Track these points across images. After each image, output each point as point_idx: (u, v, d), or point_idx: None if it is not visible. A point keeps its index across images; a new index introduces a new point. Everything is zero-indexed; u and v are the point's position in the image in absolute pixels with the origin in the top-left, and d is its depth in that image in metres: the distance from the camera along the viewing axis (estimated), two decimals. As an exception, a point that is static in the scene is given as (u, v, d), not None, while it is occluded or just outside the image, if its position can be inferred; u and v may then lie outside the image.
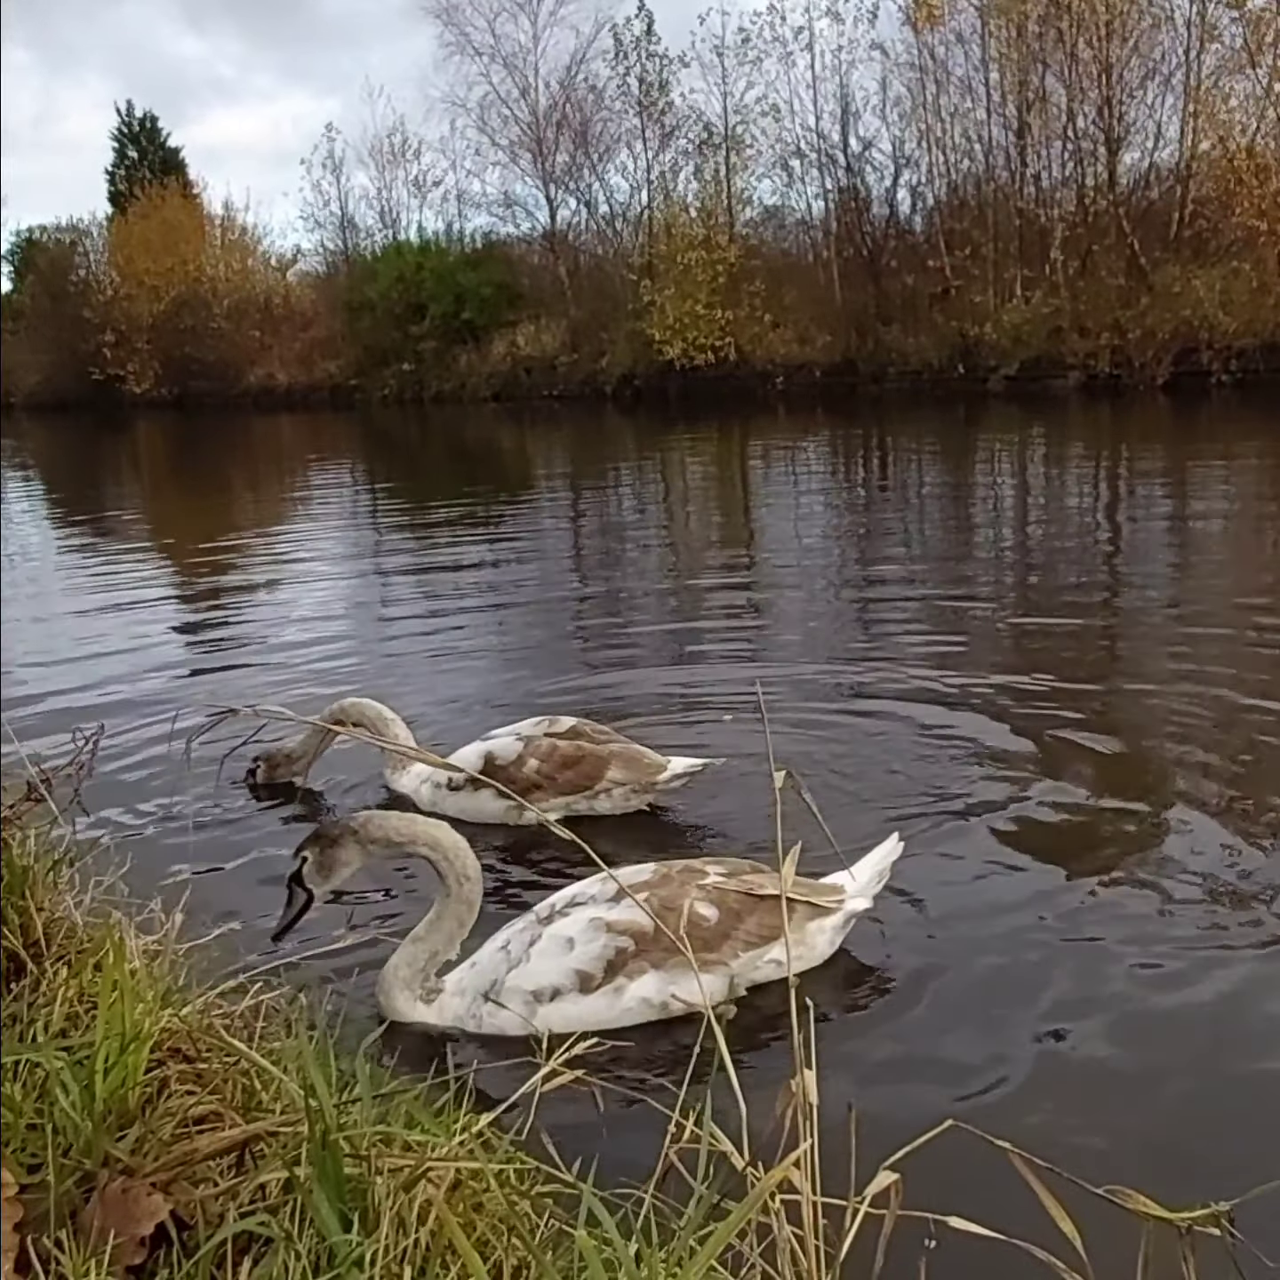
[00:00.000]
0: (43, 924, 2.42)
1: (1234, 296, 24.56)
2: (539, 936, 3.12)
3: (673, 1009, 3.07)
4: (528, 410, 32.08)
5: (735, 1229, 1.44)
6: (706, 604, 8.37)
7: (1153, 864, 3.80)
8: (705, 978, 2.98)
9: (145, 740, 5.45)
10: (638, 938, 3.07)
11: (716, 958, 3.11)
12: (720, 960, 3.11)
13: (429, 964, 3.11)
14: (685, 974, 3.01)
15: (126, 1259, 1.53)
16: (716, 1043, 1.75)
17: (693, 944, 2.84)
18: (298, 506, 16.55)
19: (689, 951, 2.46)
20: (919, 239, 31.79)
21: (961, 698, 5.60)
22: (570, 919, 3.14)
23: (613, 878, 2.66)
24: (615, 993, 3.06)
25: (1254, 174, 25.42)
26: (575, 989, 3.06)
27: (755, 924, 3.18)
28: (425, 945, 3.10)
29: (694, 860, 3.34)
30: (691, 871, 3.25)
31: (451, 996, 3.11)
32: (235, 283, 42.27)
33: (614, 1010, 3.06)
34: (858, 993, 3.17)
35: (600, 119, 36.06)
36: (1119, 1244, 1.53)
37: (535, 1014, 3.03)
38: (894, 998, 3.10)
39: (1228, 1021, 2.95)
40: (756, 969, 3.17)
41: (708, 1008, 2.67)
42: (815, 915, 3.25)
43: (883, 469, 17.32)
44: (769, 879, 3.23)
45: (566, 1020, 2.95)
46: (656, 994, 3.07)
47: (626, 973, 3.07)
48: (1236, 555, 9.35)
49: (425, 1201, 1.58)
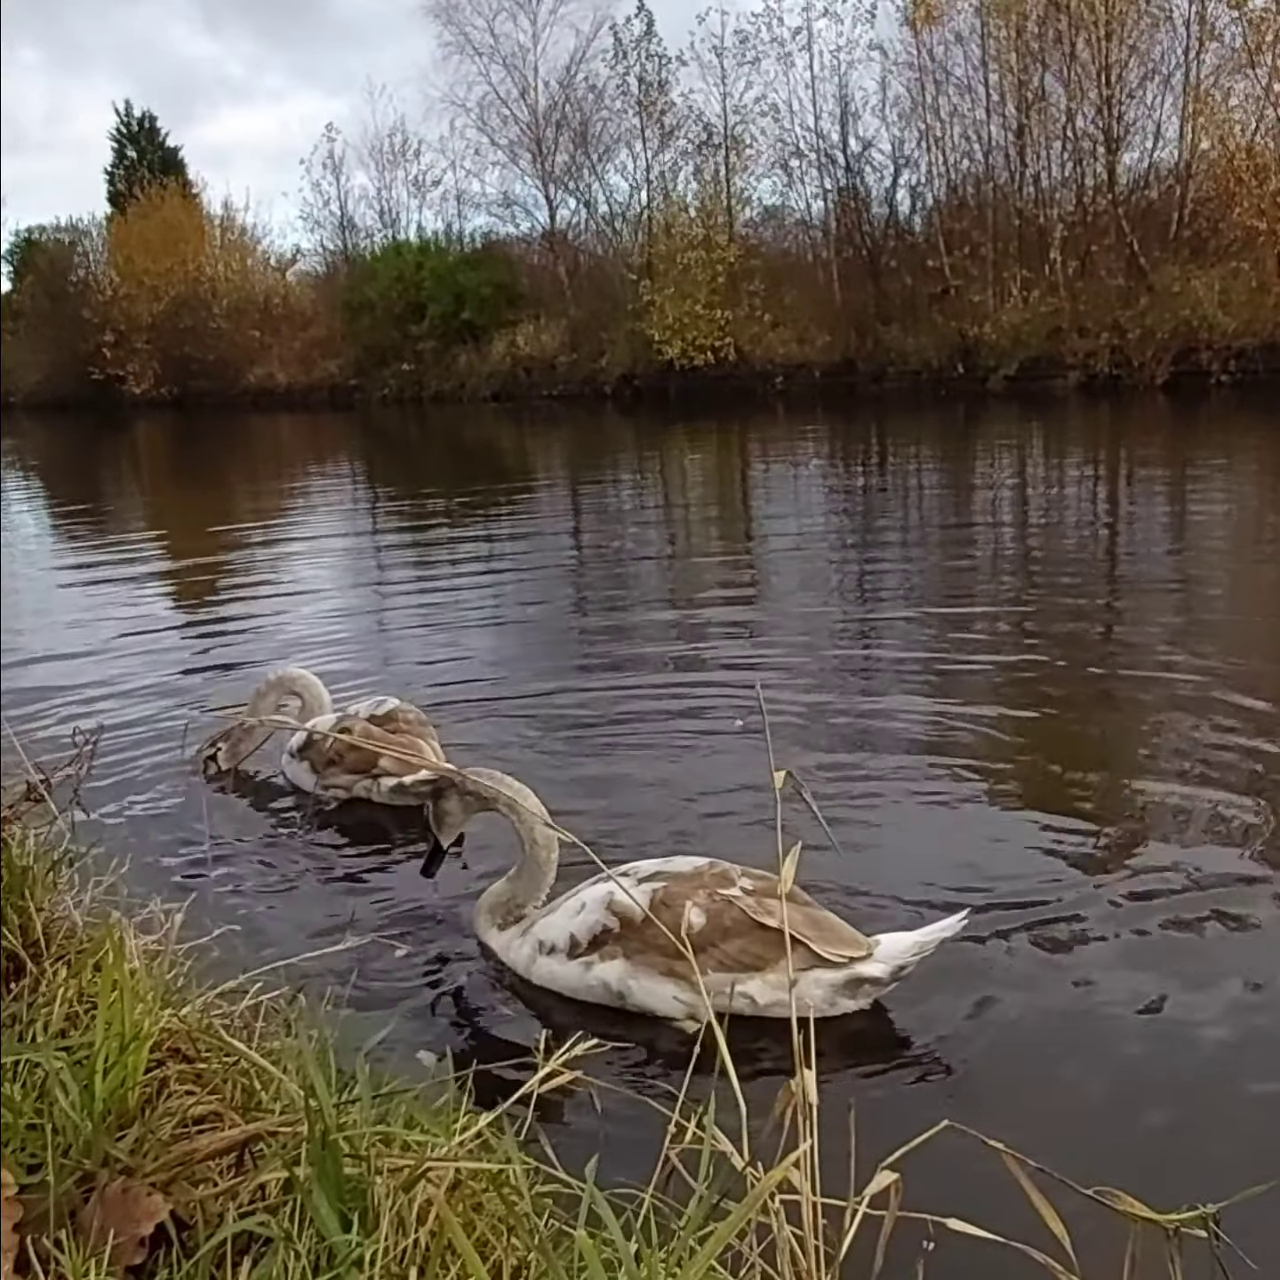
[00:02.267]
0: (42, 924, 2.42)
1: (1233, 296, 24.57)
2: (577, 893, 3.26)
3: (629, 1002, 3.07)
4: (527, 410, 32.07)
5: (735, 1229, 1.44)
6: (706, 602, 8.37)
7: (1150, 866, 3.81)
8: (668, 985, 3.01)
9: (145, 739, 5.45)
10: (624, 922, 3.09)
11: (684, 969, 2.89)
12: (686, 973, 2.90)
13: (510, 904, 3.38)
14: (649, 973, 3.04)
15: (126, 1259, 1.53)
16: (717, 1043, 1.76)
17: (670, 948, 2.90)
18: (297, 505, 16.54)
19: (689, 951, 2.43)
20: (918, 239, 31.79)
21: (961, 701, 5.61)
22: (601, 886, 3.17)
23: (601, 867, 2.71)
24: (585, 967, 3.13)
25: (1253, 174, 25.43)
26: (564, 951, 3.17)
27: (737, 948, 2.98)
28: (509, 888, 3.41)
29: (736, 866, 3.16)
30: (721, 877, 3.11)
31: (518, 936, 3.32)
32: (235, 282, 42.24)
33: (581, 983, 3.14)
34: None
35: (600, 119, 36.11)
36: (1107, 1245, 1.55)
37: (534, 963, 3.21)
38: (894, 998, 3.10)
39: (1222, 1025, 2.96)
40: (725, 995, 2.90)
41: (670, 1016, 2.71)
42: (815, 963, 2.92)
43: (882, 469, 17.32)
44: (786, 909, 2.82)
45: (550, 978, 3.18)
46: (616, 981, 3.09)
47: (601, 952, 3.12)
48: (1237, 555, 9.35)
49: (425, 1201, 1.58)
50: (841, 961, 2.91)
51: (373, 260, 39.92)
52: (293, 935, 3.20)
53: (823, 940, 2.94)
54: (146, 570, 11.00)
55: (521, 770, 3.74)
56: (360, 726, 4.71)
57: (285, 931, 3.51)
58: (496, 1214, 1.65)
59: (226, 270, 42.57)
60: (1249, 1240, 1.59)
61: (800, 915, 2.99)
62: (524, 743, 5.33)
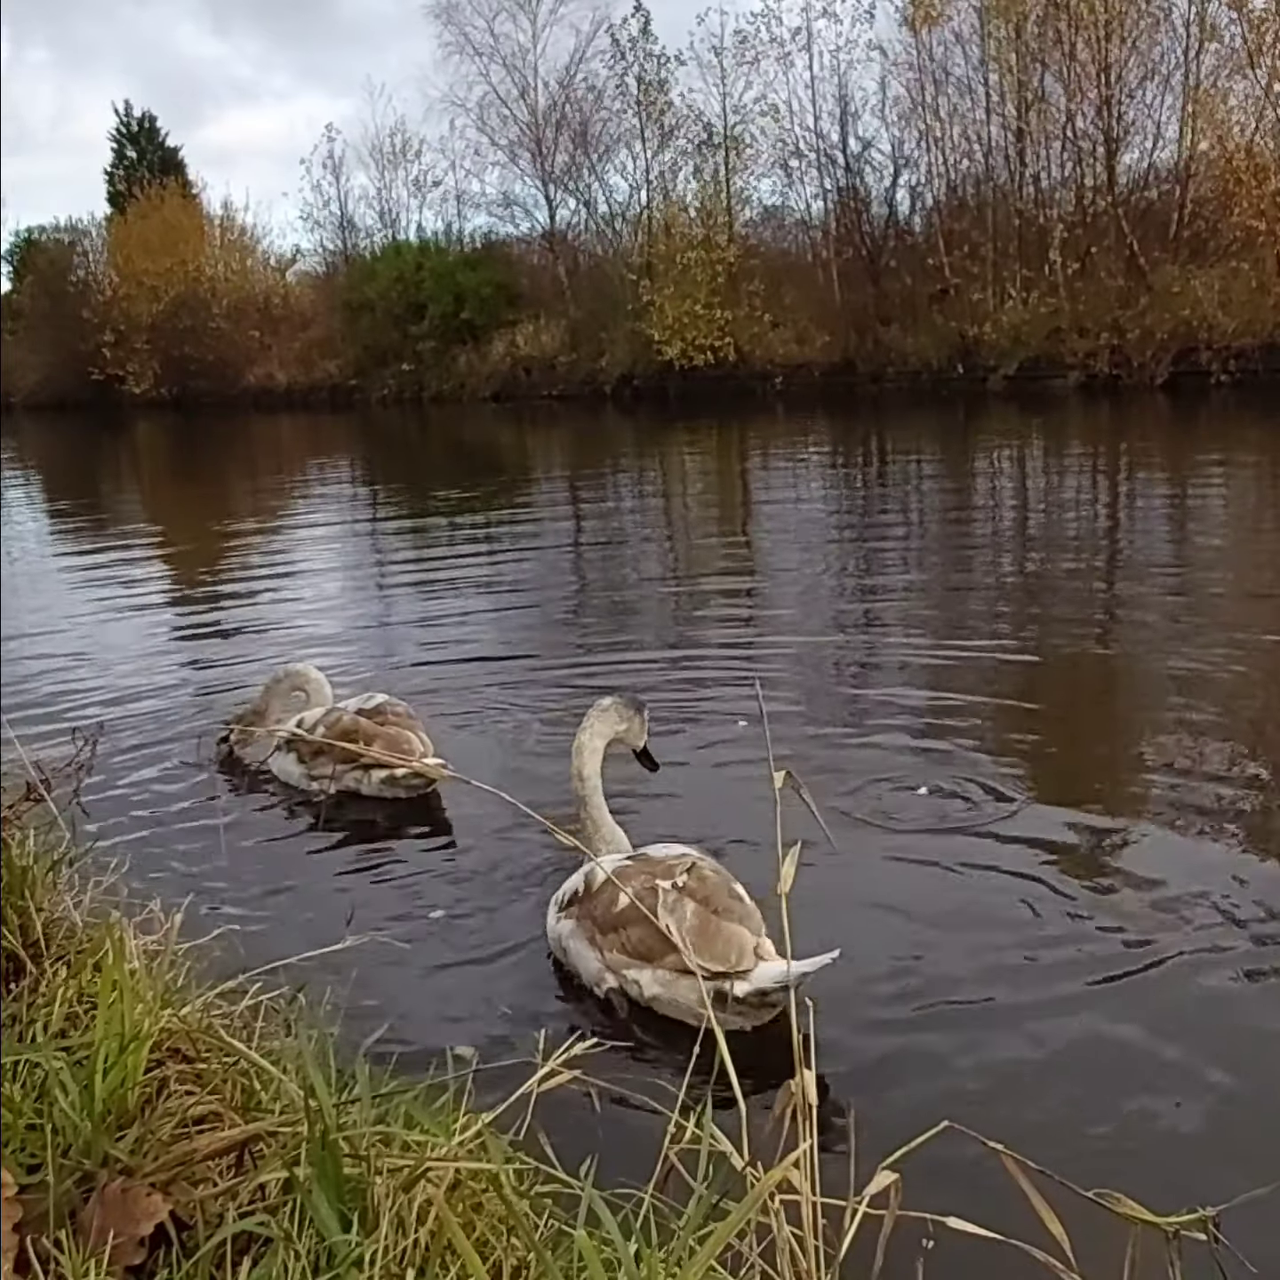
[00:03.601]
0: (42, 924, 2.42)
1: (1233, 296, 24.53)
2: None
3: (567, 960, 3.31)
4: (527, 410, 32.06)
5: (734, 1229, 1.44)
6: (706, 602, 8.37)
7: (1150, 863, 3.81)
8: (591, 952, 3.20)
9: (146, 739, 5.46)
10: (587, 889, 3.29)
11: (601, 942, 3.16)
12: (600, 947, 3.16)
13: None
14: (581, 939, 3.24)
15: (126, 1259, 1.53)
16: (717, 1043, 1.76)
17: (600, 921, 3.18)
18: (297, 504, 16.54)
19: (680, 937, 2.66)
20: (918, 239, 31.75)
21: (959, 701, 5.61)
22: (605, 859, 3.35)
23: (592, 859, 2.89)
24: (557, 919, 3.36)
25: (1253, 174, 25.38)
26: (557, 906, 3.41)
27: (636, 936, 3.06)
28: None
29: (706, 860, 3.25)
30: (669, 869, 3.13)
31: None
32: (234, 283, 42.20)
33: (553, 933, 3.38)
34: (857, 994, 3.16)
35: (599, 119, 36.07)
36: (1107, 1247, 1.54)
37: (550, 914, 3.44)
38: (894, 999, 3.10)
39: (1220, 1027, 2.96)
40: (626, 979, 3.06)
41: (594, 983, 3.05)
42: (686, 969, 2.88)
43: (882, 469, 17.32)
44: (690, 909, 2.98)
45: (548, 926, 3.43)
46: (564, 938, 3.31)
47: (568, 911, 3.33)
48: (1236, 554, 9.35)
49: (425, 1202, 1.58)
50: (705, 974, 2.72)
51: (373, 260, 39.90)
52: (293, 935, 3.20)
53: (698, 949, 2.88)
54: (146, 570, 11.00)
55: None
56: (349, 718, 4.76)
57: (285, 931, 3.51)
58: (496, 1214, 1.65)
59: (226, 270, 42.53)
60: (1249, 1243, 1.58)
61: (699, 920, 2.99)
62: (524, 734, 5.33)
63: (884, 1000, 3.10)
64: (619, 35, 33.92)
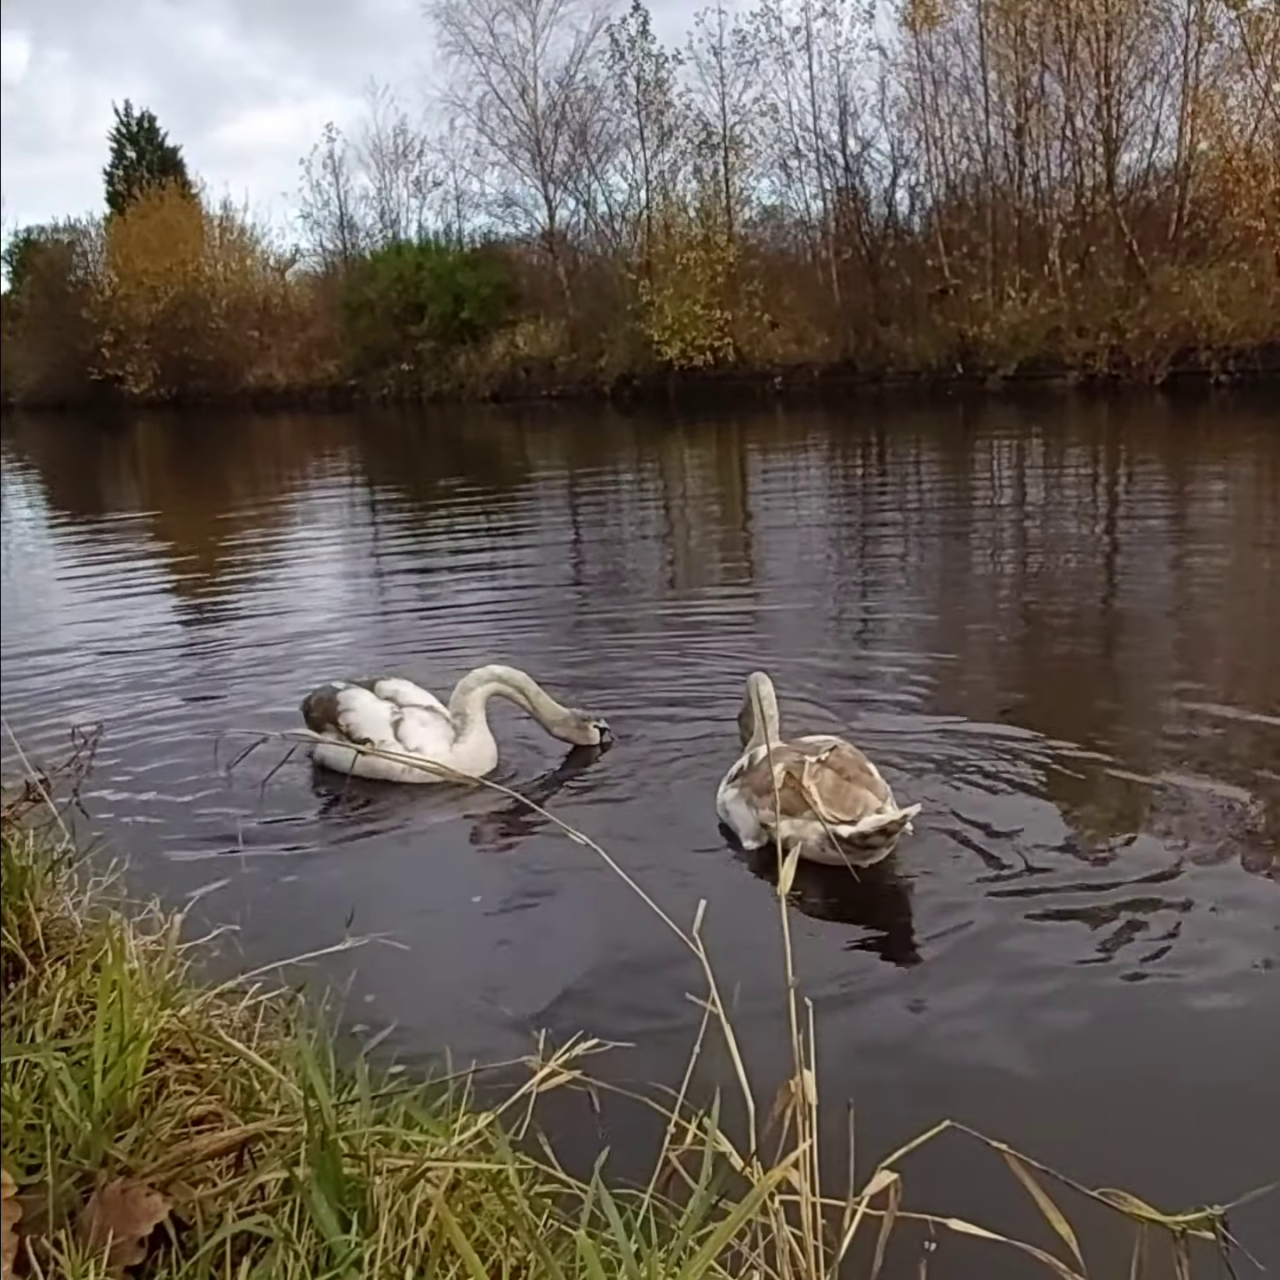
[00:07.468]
0: (42, 924, 2.42)
1: (1232, 297, 24.53)
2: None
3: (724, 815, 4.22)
4: (526, 410, 32.06)
5: (734, 1229, 1.44)
6: (706, 601, 8.37)
7: (1149, 861, 3.80)
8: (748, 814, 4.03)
9: (146, 739, 5.45)
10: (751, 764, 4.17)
11: (758, 802, 3.95)
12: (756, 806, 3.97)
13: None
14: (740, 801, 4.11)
15: (125, 1259, 1.53)
16: (717, 1043, 1.75)
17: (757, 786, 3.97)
18: (297, 504, 16.54)
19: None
20: (918, 239, 31.73)
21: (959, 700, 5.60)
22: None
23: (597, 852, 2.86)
24: (724, 788, 4.27)
25: (1252, 174, 25.38)
26: (726, 780, 4.30)
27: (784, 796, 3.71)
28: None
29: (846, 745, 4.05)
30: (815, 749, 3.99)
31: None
32: (234, 283, 42.16)
33: (720, 799, 4.25)
34: (858, 993, 3.16)
35: (599, 119, 36.03)
36: (1113, 1246, 1.53)
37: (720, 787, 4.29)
38: (894, 998, 3.10)
39: (1225, 1026, 2.96)
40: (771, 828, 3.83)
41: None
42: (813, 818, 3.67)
43: (881, 469, 17.32)
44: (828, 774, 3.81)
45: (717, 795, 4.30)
46: (724, 804, 4.22)
47: (732, 782, 4.23)
48: (1236, 553, 9.35)
49: (424, 1202, 1.58)
50: (831, 821, 3.63)
51: (372, 260, 39.87)
52: (293, 935, 3.19)
53: (830, 804, 3.69)
54: (147, 569, 11.00)
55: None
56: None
57: (285, 931, 3.50)
58: (496, 1214, 1.65)
59: (225, 270, 42.50)
60: (1257, 1242, 1.57)
61: (834, 784, 3.78)
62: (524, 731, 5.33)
63: (885, 1000, 3.10)
64: (618, 35, 33.94)
